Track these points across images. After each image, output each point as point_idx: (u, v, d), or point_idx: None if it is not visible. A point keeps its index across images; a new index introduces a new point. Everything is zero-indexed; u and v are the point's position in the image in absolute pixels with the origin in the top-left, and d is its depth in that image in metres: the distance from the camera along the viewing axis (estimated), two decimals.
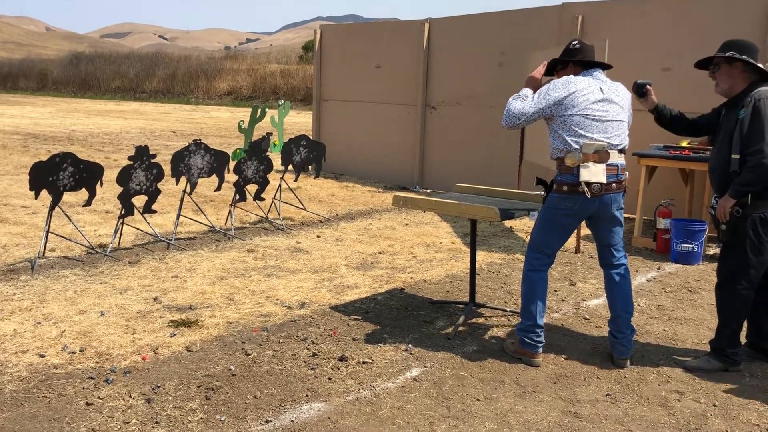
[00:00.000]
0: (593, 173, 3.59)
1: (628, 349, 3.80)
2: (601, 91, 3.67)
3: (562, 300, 4.97)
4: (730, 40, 3.69)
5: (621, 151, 3.70)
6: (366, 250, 6.27)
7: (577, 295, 5.11)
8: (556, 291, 5.15)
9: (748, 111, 3.51)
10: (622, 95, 3.76)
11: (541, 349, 3.79)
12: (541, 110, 3.67)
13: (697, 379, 3.65)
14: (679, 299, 5.06)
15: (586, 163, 3.58)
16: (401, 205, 4.34)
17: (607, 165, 3.62)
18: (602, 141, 3.61)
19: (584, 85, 3.65)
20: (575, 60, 3.80)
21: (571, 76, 3.72)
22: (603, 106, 3.64)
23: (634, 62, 7.19)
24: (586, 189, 3.59)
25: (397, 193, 4.62)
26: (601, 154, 3.61)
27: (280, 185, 7.54)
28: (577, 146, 3.60)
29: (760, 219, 3.54)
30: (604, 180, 3.60)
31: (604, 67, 3.85)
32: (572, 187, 3.63)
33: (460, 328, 4.29)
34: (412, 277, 5.41)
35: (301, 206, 7.88)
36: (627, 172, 3.76)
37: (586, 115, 3.60)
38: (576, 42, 3.83)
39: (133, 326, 4.21)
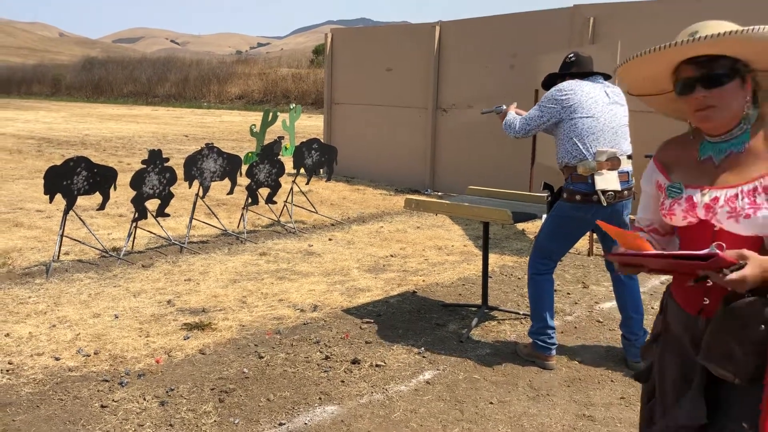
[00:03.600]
0: (608, 181, 3.55)
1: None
2: (607, 95, 3.66)
3: (575, 303, 4.95)
4: None
5: (629, 157, 3.69)
6: (378, 253, 6.28)
7: (590, 297, 5.08)
8: (569, 294, 5.13)
9: None
10: (622, 98, 3.76)
11: (554, 352, 3.78)
12: (549, 113, 3.64)
13: None
14: None
15: (600, 171, 3.56)
16: (413, 208, 4.34)
17: (618, 172, 3.60)
18: (614, 148, 3.59)
19: (590, 89, 3.63)
20: (571, 73, 3.78)
21: (576, 81, 3.70)
22: (612, 109, 3.63)
23: None
24: (602, 197, 3.56)
25: (409, 196, 4.62)
26: (613, 162, 3.58)
27: (291, 188, 7.56)
28: (589, 154, 3.57)
29: None
30: (618, 187, 3.57)
31: (603, 76, 3.82)
32: (586, 196, 3.58)
33: (473, 331, 4.29)
34: (424, 280, 5.41)
35: (313, 209, 7.90)
36: (634, 179, 3.73)
37: (596, 118, 3.58)
38: (572, 55, 3.82)
39: (147, 329, 4.23)
